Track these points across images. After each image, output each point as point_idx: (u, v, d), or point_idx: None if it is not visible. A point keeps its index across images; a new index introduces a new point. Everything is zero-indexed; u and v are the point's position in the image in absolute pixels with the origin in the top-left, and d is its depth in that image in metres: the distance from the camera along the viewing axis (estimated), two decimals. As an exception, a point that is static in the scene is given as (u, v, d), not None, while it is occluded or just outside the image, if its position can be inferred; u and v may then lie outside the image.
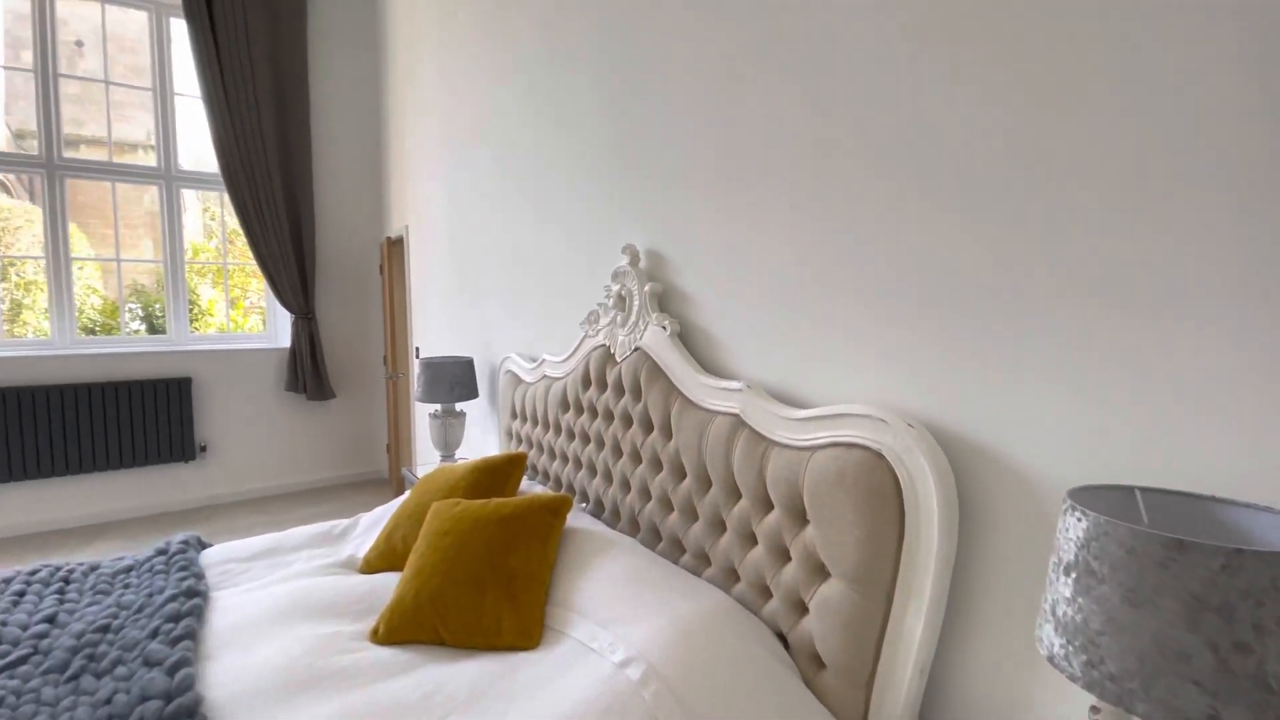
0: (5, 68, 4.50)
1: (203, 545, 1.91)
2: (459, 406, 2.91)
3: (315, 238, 4.18)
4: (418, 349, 3.75)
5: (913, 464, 1.10)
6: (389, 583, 1.63)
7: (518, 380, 2.42)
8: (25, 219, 5.79)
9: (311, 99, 4.16)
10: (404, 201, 3.90)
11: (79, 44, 4.07)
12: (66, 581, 1.64)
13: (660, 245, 1.76)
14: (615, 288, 1.84)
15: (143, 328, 4.23)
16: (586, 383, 1.96)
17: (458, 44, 2.96)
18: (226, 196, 3.99)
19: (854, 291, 1.26)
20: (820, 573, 1.22)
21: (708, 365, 1.59)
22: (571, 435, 2.05)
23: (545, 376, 2.22)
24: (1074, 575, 0.75)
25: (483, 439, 2.94)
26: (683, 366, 1.57)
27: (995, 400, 1.06)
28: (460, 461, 2.76)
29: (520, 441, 2.38)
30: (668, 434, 1.60)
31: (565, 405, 2.07)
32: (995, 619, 1.09)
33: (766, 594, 1.35)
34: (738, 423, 1.40)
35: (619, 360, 1.81)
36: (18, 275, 4.96)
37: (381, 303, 4.39)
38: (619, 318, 1.83)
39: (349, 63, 4.31)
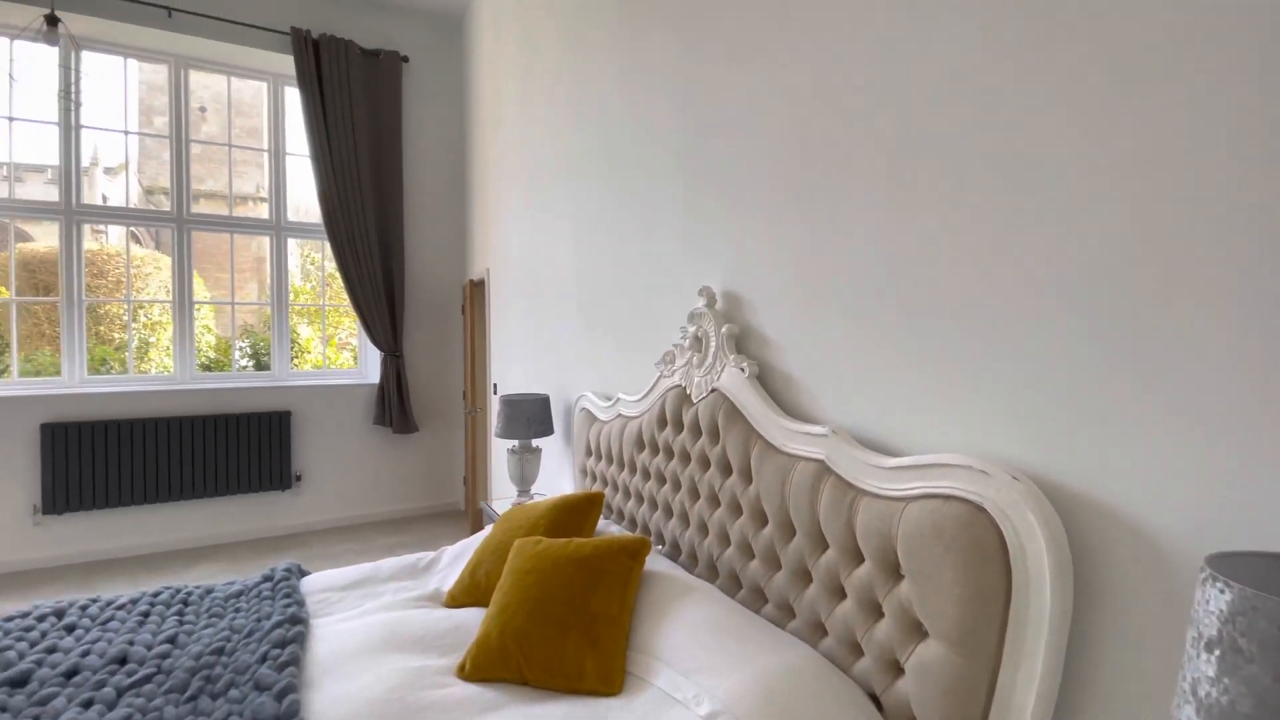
0: (140, 133, 5.09)
1: (303, 573, 2.03)
2: (535, 442, 2.98)
3: (404, 281, 4.46)
4: (495, 385, 3.89)
5: (1019, 520, 1.04)
6: (474, 619, 1.67)
7: (592, 418, 2.47)
8: (154, 266, 6.50)
9: (404, 153, 4.50)
10: (485, 246, 4.11)
11: (201, 110, 4.60)
12: (185, 604, 1.78)
13: (736, 287, 1.77)
14: (691, 329, 1.86)
15: (250, 364, 4.61)
16: (663, 423, 1.97)
17: (537, 97, 3.14)
18: (327, 244, 4.35)
19: (946, 330, 1.22)
20: (917, 632, 1.16)
21: (788, 408, 1.57)
22: (647, 475, 2.06)
23: (620, 415, 2.25)
24: (1217, 653, 0.68)
25: (557, 475, 2.99)
26: (762, 409, 1.56)
27: (1116, 451, 0.99)
28: (538, 498, 2.81)
29: (595, 479, 2.41)
30: (748, 478, 1.59)
31: (641, 445, 2.08)
32: (1118, 694, 0.99)
33: (857, 651, 1.29)
34: (822, 469, 1.37)
35: (695, 401, 1.82)
36: (145, 316, 5.56)
37: (463, 341, 4.61)
38: (695, 359, 1.84)
39: (437, 120, 4.65)
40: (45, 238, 5.86)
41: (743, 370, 1.63)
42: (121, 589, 3.27)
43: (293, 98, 4.43)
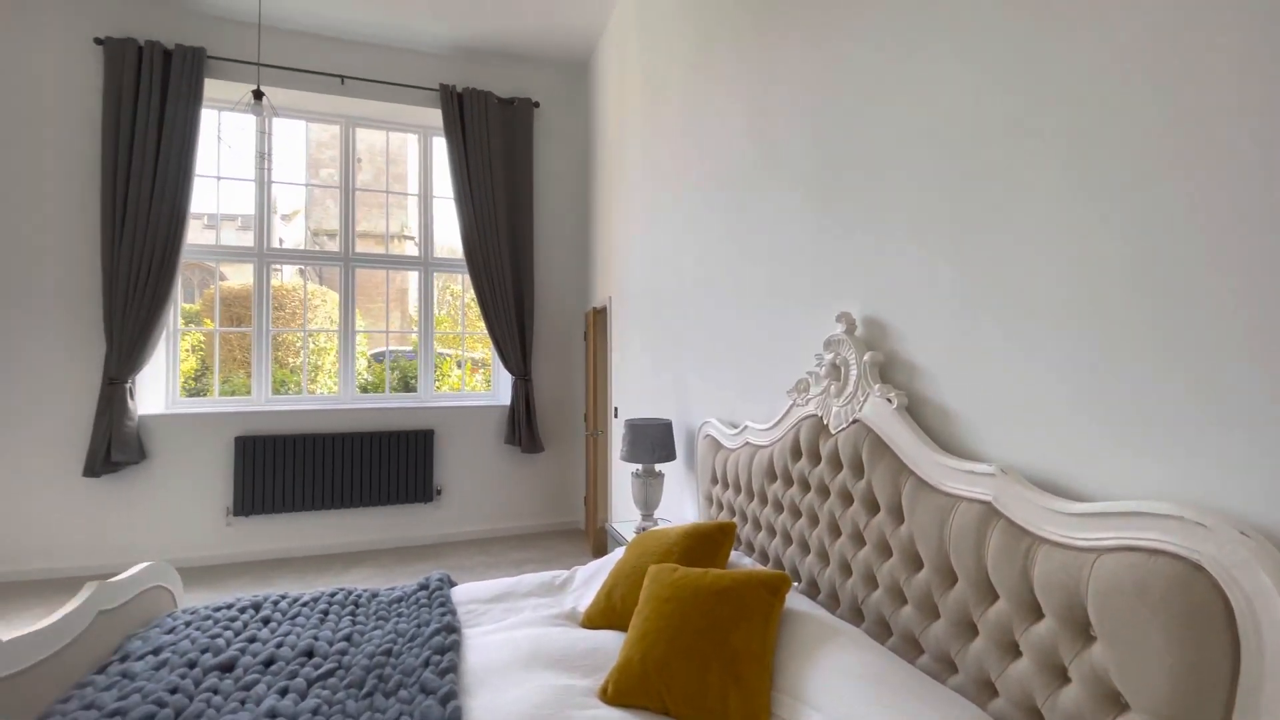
0: (314, 185, 5.83)
1: (451, 583, 2.17)
2: (658, 467, 3.01)
3: (534, 309, 4.74)
4: (616, 409, 3.99)
5: (1251, 583, 0.89)
6: (612, 641, 1.70)
7: (717, 445, 2.45)
8: (320, 299, 7.41)
9: (534, 191, 4.82)
10: (608, 275, 4.27)
11: (358, 160, 5.20)
12: (356, 605, 1.97)
13: (879, 312, 1.70)
14: (828, 356, 1.81)
15: (401, 387, 5.08)
16: (796, 454, 1.92)
17: (660, 130, 3.24)
18: (466, 277, 4.73)
19: (1148, 358, 1.09)
20: (1114, 704, 1.02)
21: (944, 443, 1.47)
22: (779, 507, 2.00)
23: (748, 444, 2.22)
24: None
25: (680, 500, 3.00)
26: (914, 443, 1.47)
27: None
28: (662, 524, 2.83)
29: (721, 508, 2.39)
30: (898, 517, 1.49)
31: (772, 475, 2.04)
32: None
33: (1035, 717, 1.16)
34: (989, 512, 1.26)
35: (834, 432, 1.75)
36: (313, 344, 6.34)
37: (585, 366, 4.79)
38: (833, 387, 1.78)
39: (564, 159, 4.94)
40: (236, 276, 6.90)
41: (890, 401, 1.55)
42: (293, 585, 3.69)
43: (438, 146, 4.91)
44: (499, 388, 4.96)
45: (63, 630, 1.52)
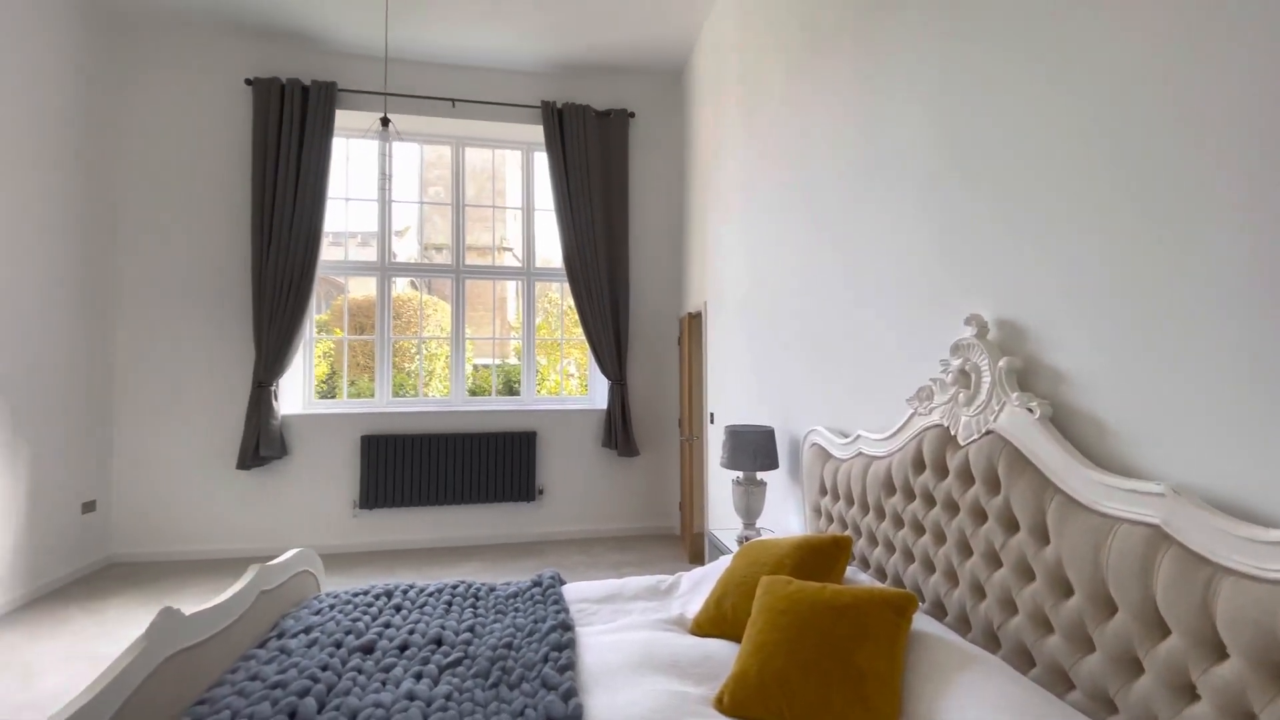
0: (428, 203, 6.21)
1: (561, 581, 2.24)
2: (760, 475, 2.96)
3: (629, 315, 4.82)
4: (712, 415, 3.97)
5: None
6: (723, 650, 1.69)
7: (826, 455, 2.37)
8: (432, 309, 7.91)
9: (630, 199, 4.91)
10: (703, 281, 4.26)
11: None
12: (476, 598, 2.08)
13: (1016, 314, 1.57)
14: (956, 362, 1.70)
15: (505, 390, 5.32)
16: (919, 466, 1.82)
17: (760, 132, 3.19)
18: (564, 285, 4.90)
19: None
20: (1331, 767, 0.88)
21: (1097, 458, 1.34)
22: (899, 522, 1.90)
23: (862, 454, 2.13)
24: None
25: (782, 510, 2.93)
26: (1061, 458, 1.35)
27: None
28: (765, 533, 2.78)
29: (831, 520, 2.30)
30: (1042, 538, 1.37)
31: (890, 488, 1.94)
32: None
33: (1220, 771, 1.02)
34: (1157, 536, 1.13)
35: (964, 444, 1.64)
36: (426, 350, 6.78)
37: (679, 372, 4.80)
38: (961, 395, 1.67)
39: (658, 166, 4.99)
40: (356, 289, 7.51)
41: (1031, 411, 1.43)
42: (411, 575, 3.95)
43: (538, 161, 5.11)
44: (595, 392, 5.07)
45: (232, 608, 1.71)
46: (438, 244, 5.36)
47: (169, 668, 1.41)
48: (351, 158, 4.91)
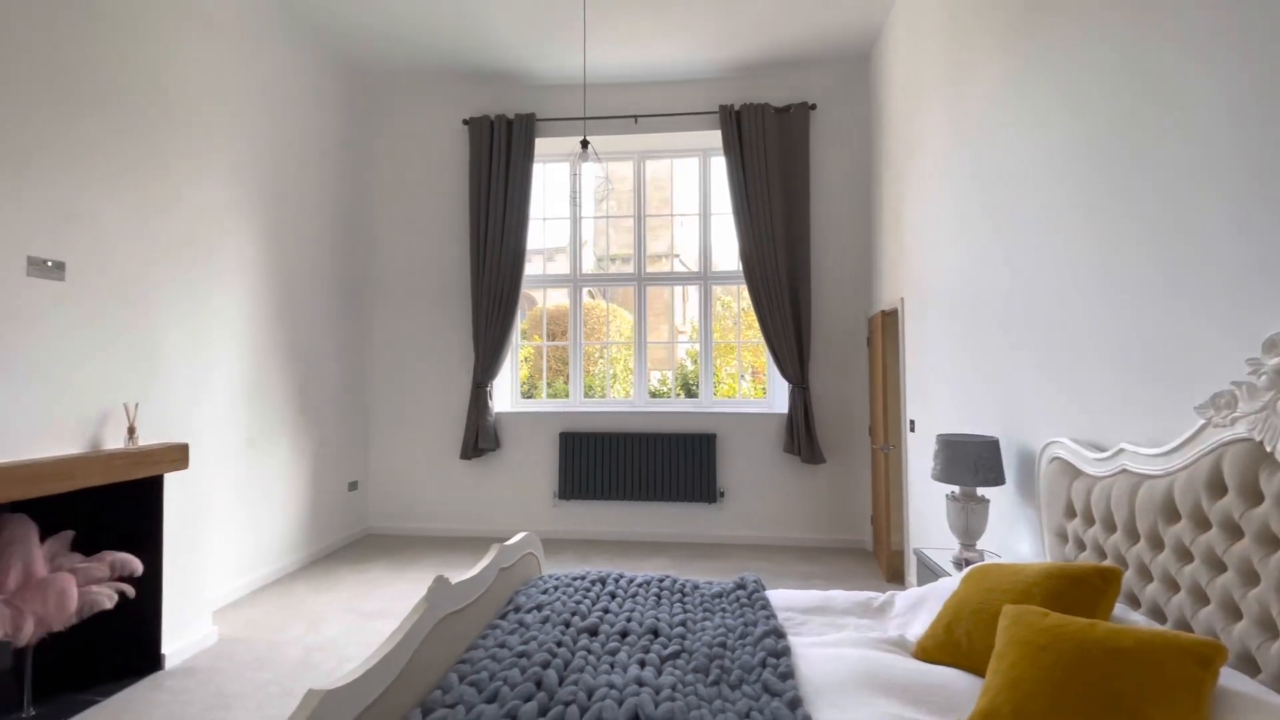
0: (611, 216, 6.54)
1: (762, 586, 2.22)
2: (980, 491, 2.66)
3: (810, 316, 4.65)
4: (912, 422, 3.66)
5: None
6: (957, 680, 1.54)
7: (1074, 471, 2.05)
8: (611, 316, 8.36)
9: (811, 195, 4.74)
10: (897, 275, 3.96)
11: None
12: (683, 594, 2.14)
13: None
14: (1271, 361, 1.37)
15: (682, 393, 5.45)
16: (1216, 488, 1.49)
17: (971, 109, 2.88)
18: (737, 288, 4.88)
19: None
20: None
21: None
22: (1185, 555, 1.58)
23: (1126, 471, 1.81)
24: None
25: (1009, 531, 2.60)
26: None
27: None
28: (989, 557, 2.50)
29: (1083, 548, 1.99)
30: None
31: (1172, 513, 1.62)
32: None
33: None
34: None
35: (1290, 464, 1.31)
36: (609, 355, 7.19)
37: (868, 375, 4.52)
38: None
39: (842, 158, 4.76)
40: (544, 299, 8.20)
41: None
42: (606, 565, 4.20)
43: (715, 165, 5.15)
44: (774, 395, 4.97)
45: (480, 581, 1.95)
46: (612, 255, 5.65)
47: (440, 628, 1.65)
48: (546, 181, 5.38)
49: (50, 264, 2.38)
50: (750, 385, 5.35)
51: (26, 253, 2.30)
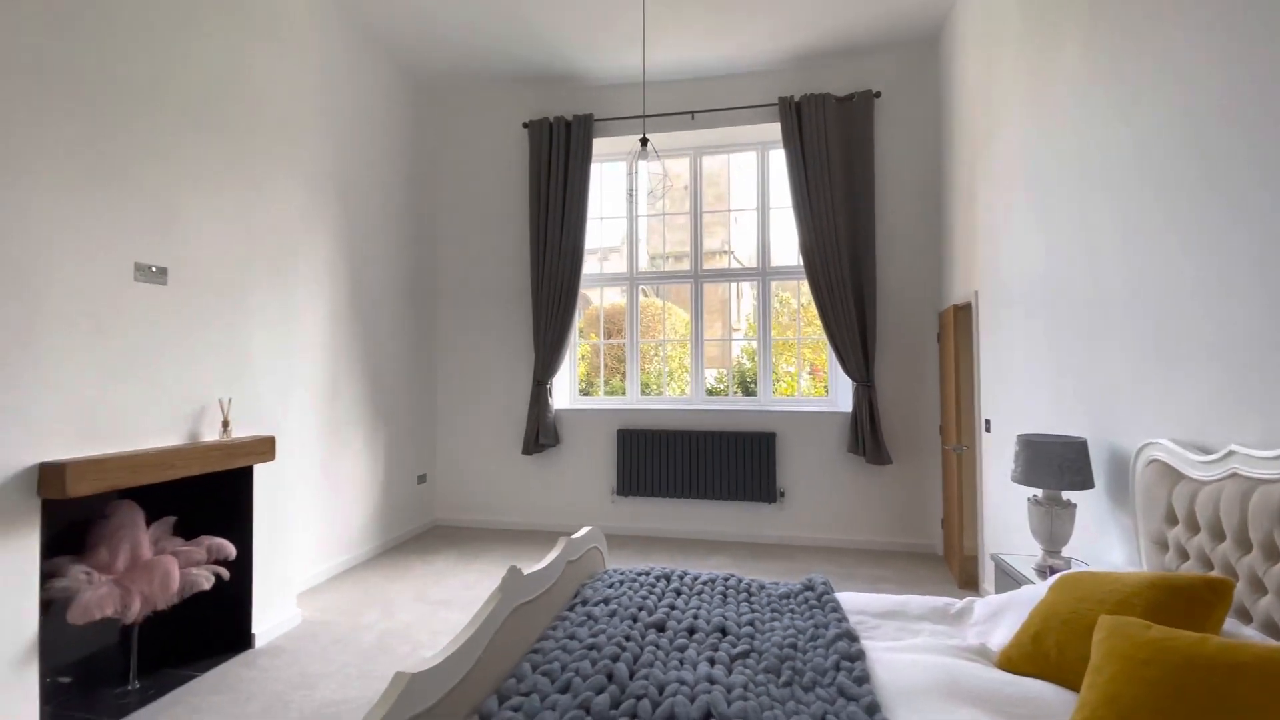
0: (668, 214, 6.52)
1: (831, 588, 2.17)
2: (1066, 495, 2.51)
3: (876, 311, 4.50)
4: (988, 422, 3.49)
5: None
6: (1047, 693, 1.46)
7: (1175, 475, 1.91)
8: (666, 313, 8.35)
9: (875, 186, 4.59)
10: (971, 267, 3.78)
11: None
12: (749, 593, 2.11)
13: None
14: None
15: (740, 391, 5.39)
16: (1351, 496, 1.35)
17: (1053, 95, 2.71)
18: (795, 283, 4.77)
19: None
20: None
21: None
22: (1311, 568, 1.44)
23: (1237, 475, 1.67)
24: None
25: (1097, 539, 2.44)
26: None
27: None
28: (1077, 566, 2.37)
29: (1185, 557, 1.85)
30: None
31: (1294, 522, 1.48)
32: None
33: None
34: None
35: None
36: (664, 353, 7.18)
37: (940, 372, 4.34)
38: None
39: (908, 146, 4.58)
40: (598, 298, 8.27)
41: None
42: (665, 562, 4.20)
43: (773, 159, 5.06)
44: (836, 393, 4.84)
45: (550, 573, 1.99)
46: (665, 253, 5.63)
47: (513, 618, 1.69)
48: (602, 180, 5.42)
49: (154, 269, 2.57)
50: (810, 383, 5.23)
51: (134, 259, 2.49)
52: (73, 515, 2.45)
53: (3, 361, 2.02)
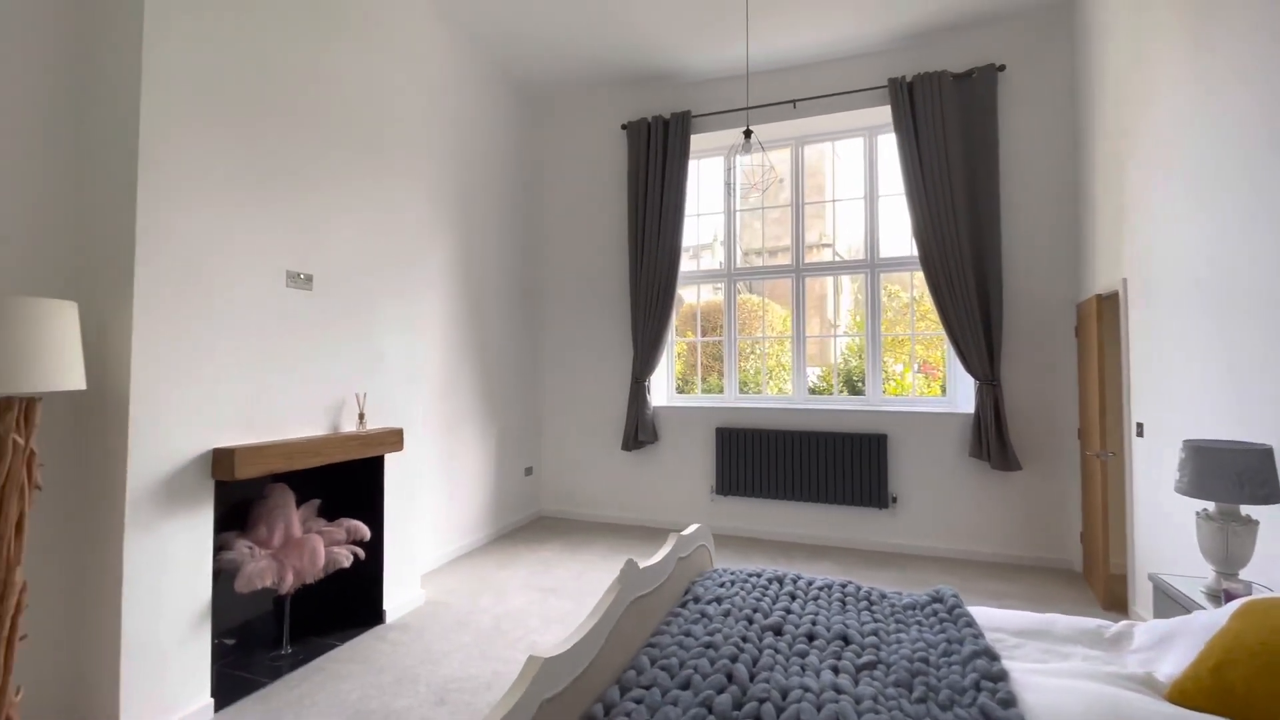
0: (768, 207, 6.35)
1: (961, 602, 2.02)
2: (1245, 510, 2.19)
3: (1002, 304, 4.15)
4: (1140, 425, 3.12)
5: None
6: (1239, 737, 1.27)
7: (1402, 491, 1.60)
8: (763, 309, 8.17)
9: (1000, 169, 4.23)
10: (1118, 253, 3.39)
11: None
12: (870, 601, 2.01)
13: None
14: None
15: (845, 390, 5.16)
16: None
17: (1220, 56, 2.36)
18: (906, 276, 4.49)
19: None
20: None
21: None
22: None
23: None
24: None
25: (1288, 561, 2.10)
26: None
27: None
28: (1259, 591, 2.06)
29: None
30: None
31: None
32: None
33: None
34: None
35: None
36: (762, 350, 7.03)
37: (1079, 369, 3.93)
38: None
39: (1039, 122, 4.18)
40: (690, 295, 8.22)
41: None
42: (765, 564, 4.11)
43: (882, 145, 4.80)
44: (956, 393, 4.52)
45: (663, 569, 1.99)
46: (759, 248, 5.48)
47: (630, 610, 1.71)
48: (700, 176, 5.39)
49: (303, 276, 2.85)
50: (923, 382, 4.92)
51: (285, 267, 2.77)
52: (236, 496, 2.76)
53: (189, 363, 2.32)
